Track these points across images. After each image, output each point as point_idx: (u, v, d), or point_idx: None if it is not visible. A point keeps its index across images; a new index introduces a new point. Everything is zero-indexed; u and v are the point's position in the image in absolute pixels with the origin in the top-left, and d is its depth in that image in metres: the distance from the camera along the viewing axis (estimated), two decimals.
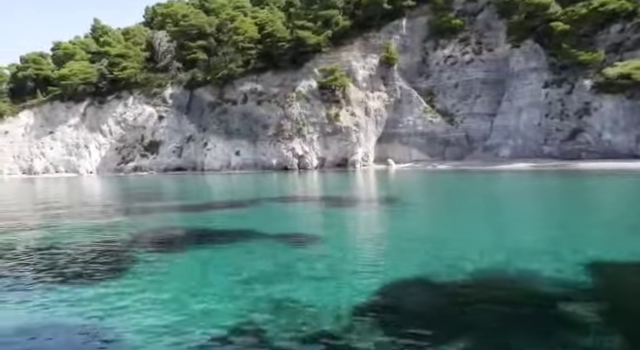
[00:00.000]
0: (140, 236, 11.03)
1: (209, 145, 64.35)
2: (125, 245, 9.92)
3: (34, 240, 10.81)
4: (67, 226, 12.94)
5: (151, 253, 8.91)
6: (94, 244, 9.97)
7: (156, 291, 6.61)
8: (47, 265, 8.22)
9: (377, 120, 58.09)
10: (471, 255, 8.11)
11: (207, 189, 30.94)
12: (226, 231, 11.48)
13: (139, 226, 12.71)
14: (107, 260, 8.48)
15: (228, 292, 6.42)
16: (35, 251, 9.45)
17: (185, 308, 5.84)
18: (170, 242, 10.54)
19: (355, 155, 56.22)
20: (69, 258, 8.73)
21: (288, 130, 58.23)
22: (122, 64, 69.10)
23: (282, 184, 34.34)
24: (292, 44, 59.13)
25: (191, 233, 11.56)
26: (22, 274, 7.68)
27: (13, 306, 6.13)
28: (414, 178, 35.43)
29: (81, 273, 7.65)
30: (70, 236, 11.17)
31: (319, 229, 11.53)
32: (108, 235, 11.18)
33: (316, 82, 59.54)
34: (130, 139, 69.90)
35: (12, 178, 66.24)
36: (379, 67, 59.98)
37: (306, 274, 7.15)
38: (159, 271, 7.67)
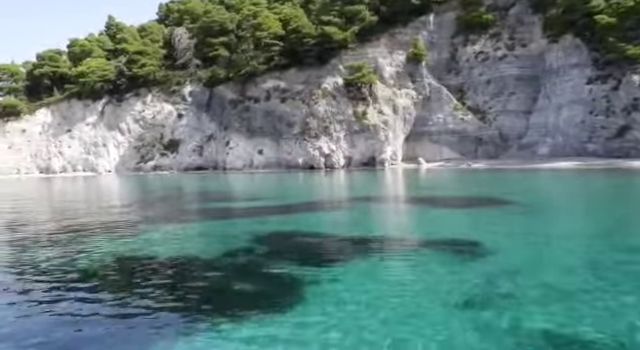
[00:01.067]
0: (264, 243, 9.69)
1: (231, 144, 63.03)
2: (258, 257, 8.55)
3: (140, 251, 9.46)
4: (155, 233, 11.59)
5: (300, 268, 7.48)
6: (219, 258, 8.45)
7: (353, 324, 4.98)
8: (186, 292, 6.48)
9: (405, 118, 56.72)
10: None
11: (264, 188, 29.24)
12: (357, 237, 10.14)
13: (246, 231, 11.37)
14: (255, 282, 6.80)
15: (459, 326, 4.84)
16: (151, 271, 7.98)
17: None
18: (312, 251, 9.14)
19: (383, 154, 54.82)
20: (204, 280, 7.09)
21: (314, 128, 56.88)
22: (140, 61, 67.86)
23: (328, 183, 32.99)
24: (318, 40, 57.75)
25: (317, 240, 10.18)
26: (165, 303, 6.00)
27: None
28: (462, 177, 34.02)
29: (235, 303, 5.91)
30: (178, 247, 9.81)
31: (464, 233, 10.18)
32: (219, 244, 9.81)
33: (342, 79, 58.21)
34: (149, 138, 68.63)
35: (29, 177, 65.09)
36: (406, 64, 58.62)
37: (521, 294, 5.76)
38: (334, 294, 6.03)
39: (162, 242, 10.18)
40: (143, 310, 5.66)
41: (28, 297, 6.36)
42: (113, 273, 7.71)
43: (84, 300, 6.08)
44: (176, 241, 10.31)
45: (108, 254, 8.88)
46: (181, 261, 8.20)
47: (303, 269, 7.34)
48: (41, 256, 8.84)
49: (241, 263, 8.14)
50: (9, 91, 71.04)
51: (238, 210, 16.05)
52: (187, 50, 70.36)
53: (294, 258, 8.31)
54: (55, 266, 7.98)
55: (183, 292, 6.42)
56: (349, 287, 6.37)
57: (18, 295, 6.48)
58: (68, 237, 10.96)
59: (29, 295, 6.46)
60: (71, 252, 9.11)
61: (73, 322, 5.34)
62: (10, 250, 9.88)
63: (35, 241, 10.70)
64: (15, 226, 13.60)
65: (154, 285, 6.80)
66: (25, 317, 5.56)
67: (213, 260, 8.26)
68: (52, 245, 9.98)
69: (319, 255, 8.73)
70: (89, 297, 6.23)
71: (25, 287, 6.87)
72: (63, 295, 6.35)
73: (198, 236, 11.09)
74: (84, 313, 5.60)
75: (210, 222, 13.31)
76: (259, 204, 18.22)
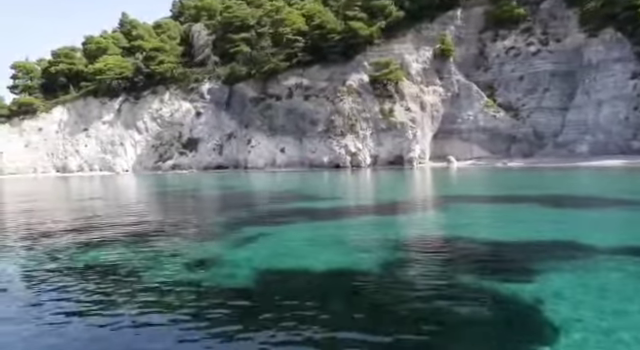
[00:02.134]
0: (412, 249, 8.28)
1: (253, 142, 61.66)
2: (428, 268, 7.12)
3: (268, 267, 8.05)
4: (268, 238, 10.16)
5: (498, 280, 6.11)
6: (383, 270, 7.06)
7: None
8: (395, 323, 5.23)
9: (433, 115, 55.26)
10: None
11: (316, 187, 27.52)
12: (534, 242, 8.71)
13: (370, 234, 9.95)
14: (469, 304, 5.50)
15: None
16: (308, 285, 6.63)
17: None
18: (491, 259, 7.71)
19: (412, 152, 53.36)
20: (409, 304, 5.57)
21: (340, 126, 55.45)
22: (158, 58, 66.57)
23: (372, 182, 31.56)
24: (342, 36, 56.32)
25: (478, 245, 8.77)
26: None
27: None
28: (506, 175, 32.49)
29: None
30: (312, 255, 8.37)
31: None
32: (360, 252, 8.36)
33: (367, 76, 56.78)
34: (167, 136, 67.34)
35: (46, 176, 63.86)
36: (433, 60, 57.13)
37: None
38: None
39: (286, 249, 8.78)
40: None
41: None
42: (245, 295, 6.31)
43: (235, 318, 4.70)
44: (302, 247, 8.90)
45: (239, 265, 7.49)
46: (344, 275, 6.79)
47: (505, 282, 5.95)
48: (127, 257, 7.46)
49: (422, 276, 6.69)
50: (24, 89, 69.83)
51: (323, 211, 14.62)
52: (205, 47, 69.08)
53: (477, 268, 6.88)
54: (151, 276, 6.61)
55: (390, 322, 5.00)
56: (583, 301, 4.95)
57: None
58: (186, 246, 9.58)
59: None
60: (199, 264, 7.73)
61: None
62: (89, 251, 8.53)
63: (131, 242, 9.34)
64: (81, 228, 12.23)
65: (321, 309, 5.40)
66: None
67: (379, 273, 6.84)
68: (151, 251, 8.61)
69: (504, 263, 7.29)
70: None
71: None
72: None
73: (331, 242, 9.69)
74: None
75: (310, 224, 11.89)
76: (337, 204, 16.80)
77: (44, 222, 13.75)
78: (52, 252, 8.78)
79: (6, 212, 18.05)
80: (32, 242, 10.04)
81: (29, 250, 9.15)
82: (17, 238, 10.86)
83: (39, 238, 10.54)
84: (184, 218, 14.14)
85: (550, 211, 13.19)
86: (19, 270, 7.58)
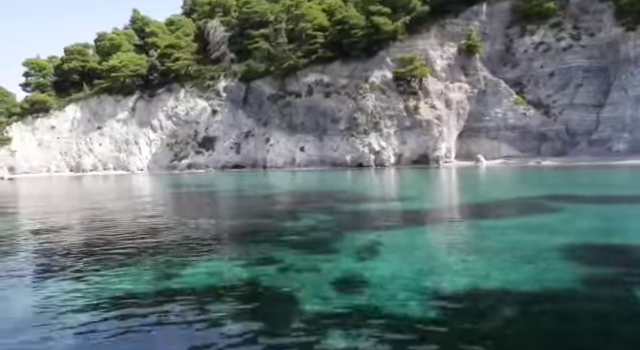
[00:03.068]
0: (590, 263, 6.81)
1: (271, 141, 60.23)
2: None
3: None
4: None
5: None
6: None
7: None
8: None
9: (459, 113, 53.70)
10: None
11: (376, 187, 26.07)
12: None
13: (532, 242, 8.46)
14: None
15: None
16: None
17: None
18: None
19: (437, 151, 51.84)
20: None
21: (363, 124, 53.96)
22: (174, 55, 65.15)
23: (424, 182, 30.06)
24: (365, 31, 54.82)
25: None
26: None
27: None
28: (545, 175, 30.94)
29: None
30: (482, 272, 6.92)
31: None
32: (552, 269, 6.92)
33: (390, 72, 55.27)
34: (182, 135, 65.95)
35: (60, 176, 62.49)
36: (458, 56, 55.62)
37: None
38: None
39: (434, 262, 7.31)
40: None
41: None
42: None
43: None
44: (449, 257, 7.43)
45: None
46: (543, 296, 5.31)
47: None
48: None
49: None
50: (37, 86, 68.48)
51: (416, 214, 13.14)
52: (221, 43, 67.67)
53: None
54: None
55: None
56: None
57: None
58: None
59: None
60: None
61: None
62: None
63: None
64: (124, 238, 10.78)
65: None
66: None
67: (584, 292, 5.38)
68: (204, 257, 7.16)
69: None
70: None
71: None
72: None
73: (476, 250, 8.21)
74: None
75: (421, 228, 10.41)
76: (422, 206, 15.32)
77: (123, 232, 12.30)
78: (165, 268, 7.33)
79: (76, 219, 16.63)
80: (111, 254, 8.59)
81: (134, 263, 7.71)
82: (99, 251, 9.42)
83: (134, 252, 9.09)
84: (278, 224, 12.67)
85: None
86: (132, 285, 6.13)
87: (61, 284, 6.15)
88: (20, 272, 7.00)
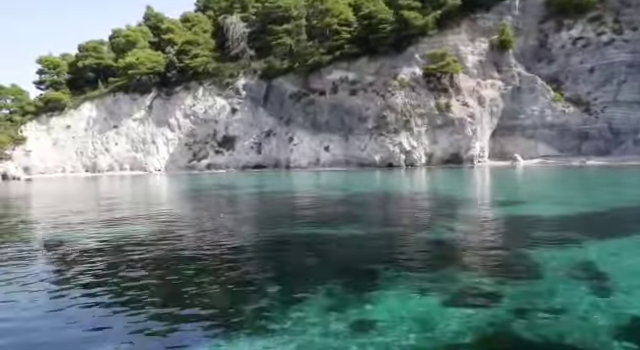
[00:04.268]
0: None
1: (295, 140, 58.24)
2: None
3: None
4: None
5: None
6: None
7: None
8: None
9: (492, 111, 51.65)
10: None
11: (455, 188, 24.08)
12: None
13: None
14: None
15: None
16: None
17: None
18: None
19: (471, 150, 49.79)
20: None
21: (392, 122, 51.94)
22: (192, 52, 63.19)
23: (491, 183, 28.02)
24: (394, 26, 52.81)
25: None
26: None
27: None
28: (597, 175, 28.82)
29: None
30: None
31: None
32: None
33: (419, 69, 53.27)
34: (201, 134, 64.01)
35: (75, 176, 60.60)
36: (489, 52, 53.64)
37: None
38: None
39: None
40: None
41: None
42: None
43: None
44: None
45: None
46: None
47: None
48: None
49: None
50: (51, 84, 66.61)
51: (567, 220, 11.16)
52: (241, 40, 65.67)
53: None
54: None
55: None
56: None
57: None
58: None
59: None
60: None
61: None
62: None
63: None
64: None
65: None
66: None
67: None
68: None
69: None
70: None
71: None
72: None
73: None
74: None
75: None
76: (559, 211, 13.33)
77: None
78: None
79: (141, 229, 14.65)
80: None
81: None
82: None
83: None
84: (422, 237, 10.65)
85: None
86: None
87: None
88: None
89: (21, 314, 5.17)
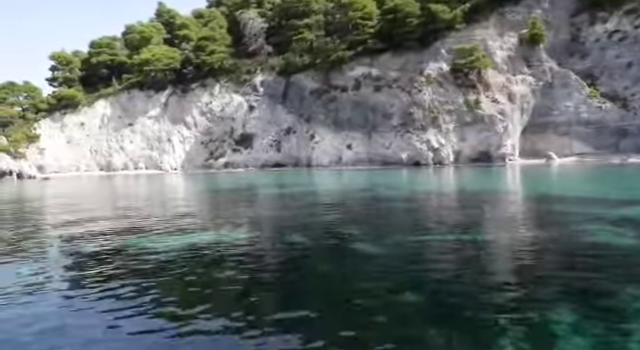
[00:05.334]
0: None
1: (316, 138, 56.56)
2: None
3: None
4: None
5: None
6: None
7: None
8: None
9: (523, 107, 49.85)
10: None
11: (534, 188, 22.36)
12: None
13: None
14: None
15: None
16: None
17: None
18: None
19: (502, 148, 48.00)
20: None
21: (420, 119, 50.21)
22: (209, 48, 61.56)
23: (561, 182, 26.25)
24: (421, 20, 51.09)
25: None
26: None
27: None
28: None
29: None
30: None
31: None
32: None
33: (446, 64, 51.52)
34: (218, 132, 62.37)
35: (90, 175, 59.05)
36: (519, 46, 51.83)
37: None
38: None
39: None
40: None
41: None
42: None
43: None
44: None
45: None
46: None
47: None
48: None
49: None
50: (63, 81, 65.11)
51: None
52: (258, 36, 64.06)
53: None
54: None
55: None
56: None
57: None
58: None
59: None
60: None
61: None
62: None
63: None
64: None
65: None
66: None
67: None
68: None
69: None
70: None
71: None
72: None
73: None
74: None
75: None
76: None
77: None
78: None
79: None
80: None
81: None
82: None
83: None
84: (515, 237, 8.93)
85: None
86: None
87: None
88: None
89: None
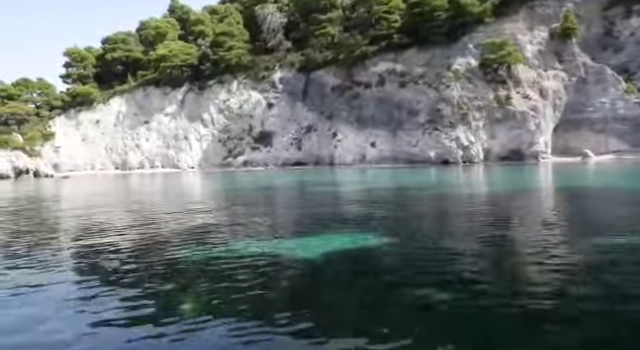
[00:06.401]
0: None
1: (339, 136, 55.03)
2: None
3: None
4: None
5: None
6: None
7: None
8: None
9: (555, 104, 48.31)
10: None
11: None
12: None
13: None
14: None
15: None
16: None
17: None
18: None
19: (535, 145, 46.46)
20: None
21: (448, 116, 48.65)
22: (227, 43, 60.04)
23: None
24: (449, 14, 49.55)
25: None
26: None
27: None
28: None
29: None
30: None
31: None
32: None
33: (474, 59, 50.00)
34: (236, 130, 60.84)
35: (105, 174, 57.58)
36: (549, 41, 50.35)
37: None
38: None
39: None
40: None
41: None
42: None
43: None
44: None
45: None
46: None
47: None
48: None
49: None
50: (78, 78, 63.69)
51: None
52: (277, 31, 62.54)
53: None
54: None
55: None
56: None
57: None
58: None
59: None
60: None
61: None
62: None
63: None
64: None
65: None
66: None
67: None
68: None
69: None
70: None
71: None
72: None
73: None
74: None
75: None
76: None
77: None
78: None
79: None
80: None
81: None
82: None
83: None
84: None
85: None
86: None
87: None
88: None
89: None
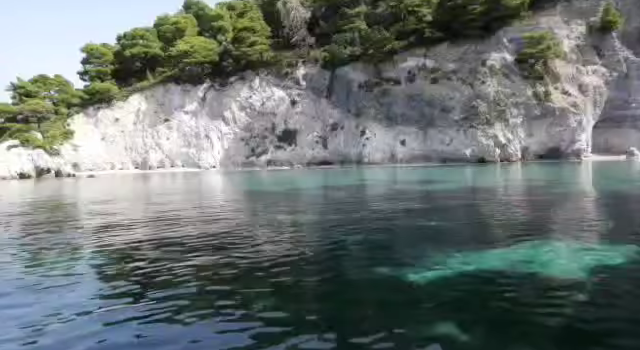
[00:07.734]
0: None
1: (367, 134, 53.38)
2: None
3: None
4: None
5: None
6: None
7: None
8: None
9: (596, 100, 46.59)
10: None
11: None
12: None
13: None
14: None
15: None
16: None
17: None
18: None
19: (576, 143, 44.79)
20: None
21: (485, 113, 46.95)
22: (250, 39, 58.40)
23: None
24: (485, 7, 47.84)
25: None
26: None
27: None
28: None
29: None
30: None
31: None
32: None
33: (509, 54, 48.29)
34: (258, 128, 59.25)
35: (125, 173, 56.04)
36: (588, 35, 48.59)
37: None
38: None
39: None
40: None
41: None
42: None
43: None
44: None
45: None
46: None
47: None
48: None
49: None
50: (96, 74, 62.12)
51: None
52: (300, 27, 60.87)
53: None
54: None
55: None
56: None
57: None
58: None
59: None
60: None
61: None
62: None
63: None
64: None
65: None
66: None
67: None
68: None
69: None
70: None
71: None
72: None
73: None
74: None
75: None
76: None
77: None
78: None
79: None
80: None
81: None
82: None
83: None
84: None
85: None
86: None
87: None
88: None
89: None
